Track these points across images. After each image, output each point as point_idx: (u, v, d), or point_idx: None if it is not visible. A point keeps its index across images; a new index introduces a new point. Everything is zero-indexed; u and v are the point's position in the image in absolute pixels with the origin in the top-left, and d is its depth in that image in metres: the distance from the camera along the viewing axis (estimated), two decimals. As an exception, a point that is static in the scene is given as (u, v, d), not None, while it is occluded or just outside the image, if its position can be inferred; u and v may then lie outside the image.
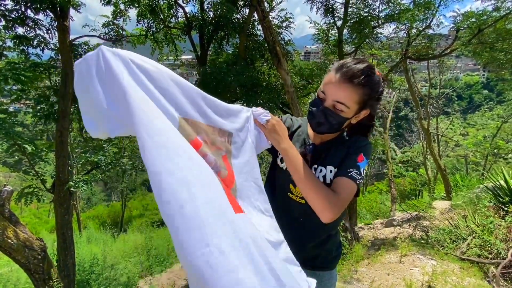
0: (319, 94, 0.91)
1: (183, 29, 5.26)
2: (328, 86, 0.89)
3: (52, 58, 4.90)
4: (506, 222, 2.99)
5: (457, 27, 5.81)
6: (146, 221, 15.27)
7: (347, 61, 0.88)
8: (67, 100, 3.88)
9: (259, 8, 4.05)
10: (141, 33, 5.59)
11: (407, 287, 2.38)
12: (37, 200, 4.03)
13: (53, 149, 4.29)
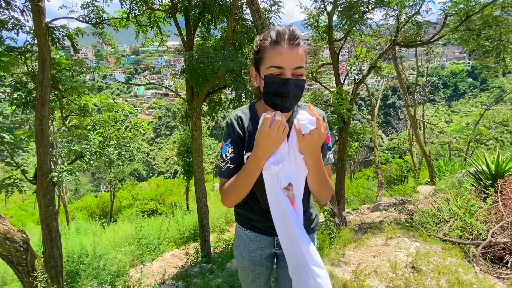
0: (273, 72, 0.86)
1: (168, 12, 5.02)
2: (281, 58, 0.85)
3: (28, 42, 4.61)
4: (487, 205, 3.12)
5: (446, 13, 5.81)
6: (136, 211, 15.16)
7: (280, 29, 0.87)
8: (45, 86, 3.68)
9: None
10: (123, 15, 5.31)
11: (391, 268, 2.46)
12: (19, 192, 3.88)
13: (34, 138, 4.10)
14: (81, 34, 4.81)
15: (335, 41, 6.82)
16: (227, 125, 1.01)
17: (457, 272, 2.39)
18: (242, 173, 0.94)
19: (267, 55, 0.87)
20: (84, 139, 4.98)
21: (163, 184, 22.74)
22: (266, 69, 0.87)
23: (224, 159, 1.00)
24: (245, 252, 1.15)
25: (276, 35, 0.85)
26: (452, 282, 2.26)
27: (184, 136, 13.18)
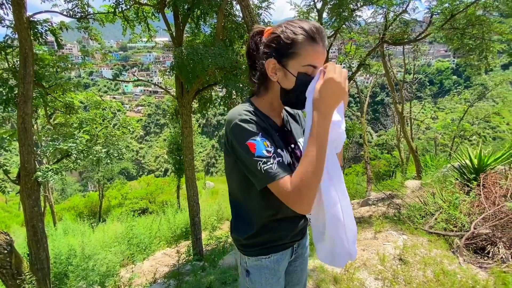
0: (308, 70, 0.80)
1: (156, 7, 4.93)
2: (317, 57, 0.80)
3: (8, 37, 4.43)
4: (470, 198, 3.23)
5: (431, 11, 5.95)
6: (126, 210, 14.92)
7: (316, 25, 0.80)
8: (27, 83, 3.55)
9: (236, -15, 3.86)
10: (109, 10, 5.17)
11: (380, 261, 2.52)
12: (1, 192, 3.76)
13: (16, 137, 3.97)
14: (65, 29, 4.65)
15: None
16: (246, 122, 0.79)
17: (442, 263, 2.47)
18: (313, 150, 0.73)
19: (305, 52, 0.79)
20: (70, 137, 4.85)
21: (154, 182, 22.45)
22: (302, 66, 0.80)
23: (266, 156, 0.76)
24: (273, 281, 0.96)
25: (314, 32, 0.78)
26: (437, 272, 2.34)
27: (174, 134, 13.03)
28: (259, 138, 0.78)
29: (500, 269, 2.46)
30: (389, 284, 2.26)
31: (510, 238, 2.78)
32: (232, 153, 0.84)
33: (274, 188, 0.77)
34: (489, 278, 2.35)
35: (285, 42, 0.80)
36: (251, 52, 0.90)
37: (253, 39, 0.89)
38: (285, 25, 0.81)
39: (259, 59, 0.87)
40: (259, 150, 0.76)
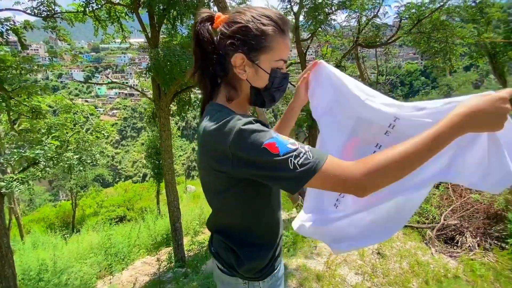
0: (281, 66, 0.74)
1: (130, 7, 4.77)
2: (287, 51, 0.75)
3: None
4: (440, 191, 3.45)
5: (400, 16, 6.29)
6: (102, 219, 14.23)
7: (283, 17, 0.73)
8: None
9: (213, -13, 3.84)
10: (79, 9, 4.93)
11: (360, 256, 2.61)
12: (-41, 206, 3.43)
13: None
14: (30, 28, 4.36)
15: (302, 41, 7.04)
16: (251, 123, 0.65)
17: (416, 254, 2.61)
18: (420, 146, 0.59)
19: (277, 45, 0.71)
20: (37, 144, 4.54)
21: (132, 188, 21.63)
22: (274, 61, 0.72)
23: (294, 149, 0.62)
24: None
25: (282, 22, 0.72)
26: (412, 264, 2.46)
27: (152, 137, 12.66)
28: (274, 134, 0.63)
29: (468, 257, 2.64)
30: (369, 278, 2.34)
31: (476, 227, 3.00)
32: (238, 170, 0.65)
33: (324, 174, 0.60)
34: (459, 266, 2.51)
35: (255, 34, 0.69)
36: (204, 43, 0.73)
37: (203, 27, 0.73)
38: (250, 14, 0.71)
39: (217, 52, 0.73)
40: (282, 146, 0.61)
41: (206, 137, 0.69)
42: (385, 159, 0.59)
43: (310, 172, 0.60)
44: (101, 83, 19.89)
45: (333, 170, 0.60)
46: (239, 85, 0.76)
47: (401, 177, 0.60)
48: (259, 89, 0.75)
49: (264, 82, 0.74)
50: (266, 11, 0.72)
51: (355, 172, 0.60)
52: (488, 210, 3.04)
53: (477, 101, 0.60)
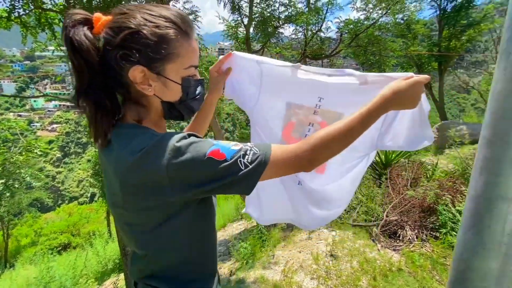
0: (192, 73, 0.66)
1: (63, 13, 4.35)
2: (196, 55, 0.67)
3: None
4: (382, 190, 3.76)
5: (340, 31, 6.89)
6: (42, 249, 12.45)
7: (184, 15, 0.64)
8: None
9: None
10: (2, 14, 4.35)
11: (314, 260, 2.68)
12: None
13: None
14: None
15: (254, 52, 7.21)
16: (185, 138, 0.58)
17: (365, 252, 2.78)
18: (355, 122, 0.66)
19: (183, 51, 0.62)
20: None
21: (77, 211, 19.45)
22: (184, 69, 0.64)
23: (239, 148, 0.59)
24: None
25: (183, 22, 0.62)
26: (362, 262, 2.61)
27: (99, 153, 11.60)
28: (214, 141, 0.59)
29: (409, 249, 2.89)
30: (323, 281, 2.41)
31: (413, 220, 3.32)
32: (180, 195, 0.57)
33: (275, 162, 0.60)
34: (401, 258, 2.74)
35: (153, 41, 0.58)
36: (85, 53, 0.57)
37: (79, 32, 0.58)
38: (140, 15, 0.59)
39: (107, 65, 0.60)
40: (227, 150, 0.57)
41: (128, 171, 0.56)
42: (326, 134, 0.64)
43: (262, 164, 0.59)
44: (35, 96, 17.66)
45: (282, 155, 0.61)
46: (147, 101, 0.65)
47: (341, 149, 0.67)
48: (172, 102, 0.66)
49: (177, 94, 0.65)
50: (161, 10, 0.61)
51: (300, 151, 0.62)
52: (422, 204, 3.39)
53: (398, 84, 0.72)
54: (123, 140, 0.60)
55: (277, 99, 1.02)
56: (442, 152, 5.96)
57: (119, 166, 0.58)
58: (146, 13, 0.59)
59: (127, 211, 0.63)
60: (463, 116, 31.11)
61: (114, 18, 0.60)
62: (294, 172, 0.65)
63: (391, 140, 0.93)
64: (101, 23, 0.59)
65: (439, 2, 9.21)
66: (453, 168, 4.11)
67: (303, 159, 0.62)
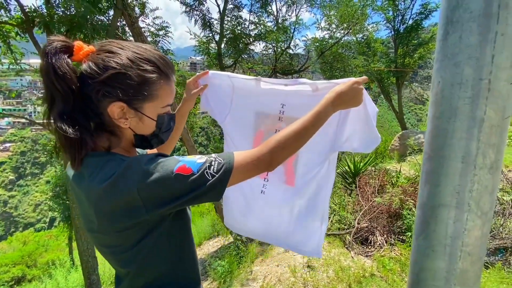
0: (168, 111, 0.71)
1: (21, 26, 4.09)
2: (173, 95, 0.72)
3: None
4: (352, 198, 3.93)
5: (308, 48, 7.30)
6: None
7: (167, 60, 0.69)
8: None
9: (125, 12, 3.68)
10: None
11: (291, 273, 2.70)
12: None
13: None
14: None
15: (226, 68, 7.33)
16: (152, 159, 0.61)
17: (340, 261, 2.85)
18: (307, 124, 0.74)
19: (163, 92, 0.67)
20: None
21: (33, 239, 17.52)
22: (161, 108, 0.68)
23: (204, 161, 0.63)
24: None
25: (165, 66, 0.67)
26: (337, 270, 2.68)
27: (60, 173, 10.74)
28: (179, 157, 0.63)
29: (379, 254, 3.03)
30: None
31: (382, 226, 3.50)
32: (154, 212, 0.60)
33: (239, 168, 0.65)
34: (373, 264, 2.85)
35: (137, 83, 0.63)
36: (68, 81, 0.59)
37: (61, 59, 0.60)
38: (126, 56, 0.62)
39: (84, 95, 0.62)
40: (193, 164, 0.62)
41: (101, 199, 0.59)
42: (282, 136, 0.71)
43: (228, 171, 0.64)
44: (-16, 112, 16.08)
45: (245, 160, 0.67)
46: (120, 131, 0.68)
47: (297, 148, 0.75)
48: (146, 135, 0.70)
49: (151, 128, 0.70)
50: (144, 52, 0.65)
51: (260, 154, 0.68)
52: (389, 210, 3.60)
53: (340, 87, 0.84)
54: (93, 168, 0.62)
55: (246, 110, 1.12)
56: (404, 159, 6.42)
57: (91, 195, 0.60)
58: (131, 54, 0.63)
59: (104, 235, 0.65)
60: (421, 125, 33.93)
61: (98, 52, 0.63)
62: (259, 173, 0.71)
63: (346, 141, 1.03)
64: (83, 53, 0.62)
65: (393, 23, 10.20)
66: (414, 174, 4.44)
67: (264, 161, 0.68)
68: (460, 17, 0.45)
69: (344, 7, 6.64)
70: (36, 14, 3.67)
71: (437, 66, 0.50)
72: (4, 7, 3.94)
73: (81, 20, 3.56)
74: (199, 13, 6.84)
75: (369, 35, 9.53)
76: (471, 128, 0.45)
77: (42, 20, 3.50)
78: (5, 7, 3.90)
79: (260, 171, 0.70)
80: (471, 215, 0.48)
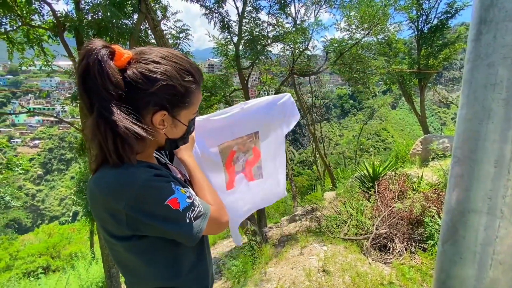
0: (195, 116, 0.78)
1: (53, 30, 4.36)
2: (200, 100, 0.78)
3: None
4: (370, 203, 3.82)
5: (326, 50, 7.19)
6: (18, 273, 11.69)
7: (198, 69, 0.73)
8: None
9: (149, 16, 3.81)
10: (-13, 30, 4.30)
11: (306, 276, 2.66)
12: None
13: None
14: None
15: (244, 69, 7.38)
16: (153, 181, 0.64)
17: (356, 266, 2.78)
18: (205, 181, 0.84)
19: (196, 100, 0.73)
20: None
21: (57, 232, 18.46)
22: (193, 114, 0.75)
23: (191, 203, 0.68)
24: None
25: (200, 77, 0.73)
26: (353, 276, 2.61)
27: (84, 170, 11.27)
28: (174, 187, 0.66)
29: (399, 261, 2.92)
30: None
31: (402, 233, 3.38)
32: (132, 230, 0.64)
33: (210, 222, 0.72)
34: (392, 271, 2.76)
35: (181, 92, 0.67)
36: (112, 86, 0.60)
37: (108, 63, 0.61)
38: (170, 67, 0.66)
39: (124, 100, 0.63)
40: (183, 201, 0.66)
41: (98, 198, 0.64)
42: (213, 198, 0.80)
43: (204, 221, 0.70)
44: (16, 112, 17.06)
45: (215, 214, 0.75)
46: (152, 136, 0.69)
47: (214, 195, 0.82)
48: (174, 139, 0.76)
49: (181, 132, 0.76)
50: (184, 63, 0.69)
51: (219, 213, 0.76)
52: (410, 217, 3.47)
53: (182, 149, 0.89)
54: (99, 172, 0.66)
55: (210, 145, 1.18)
56: (426, 164, 6.16)
57: (91, 197, 0.66)
58: (174, 65, 0.67)
59: (102, 233, 0.71)
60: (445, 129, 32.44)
61: (139, 59, 0.65)
62: (217, 231, 0.77)
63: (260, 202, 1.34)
64: (124, 59, 0.63)
65: (416, 23, 9.84)
66: (437, 180, 4.25)
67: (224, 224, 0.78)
68: (495, 17, 0.44)
69: (365, 7, 6.49)
70: (67, 18, 3.88)
71: (469, 67, 0.49)
72: (38, 12, 4.21)
73: (108, 24, 3.73)
74: (218, 15, 6.95)
75: (390, 35, 9.26)
76: (505, 130, 0.44)
77: (73, 24, 3.70)
78: (39, 12, 4.16)
79: (219, 230, 0.77)
80: (504, 222, 0.46)
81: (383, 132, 56.16)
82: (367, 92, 9.21)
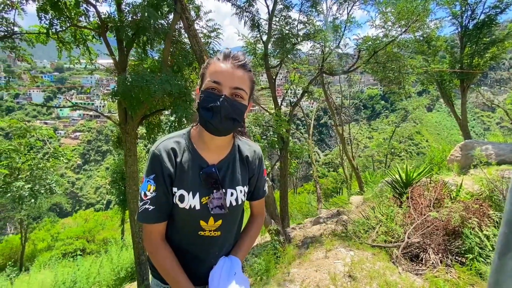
0: (210, 86, 0.83)
1: (97, 30, 4.68)
2: (220, 74, 0.83)
3: None
4: (402, 210, 3.63)
5: (359, 48, 6.91)
6: (57, 253, 12.77)
7: (227, 51, 0.90)
8: None
9: (183, 16, 3.95)
10: (41, 30, 4.74)
11: (331, 280, 2.60)
12: None
13: None
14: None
15: (272, 68, 7.36)
16: (154, 157, 0.86)
17: (385, 275, 2.66)
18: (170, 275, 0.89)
19: (209, 70, 0.86)
20: (-19, 173, 4.06)
21: (93, 218, 19.90)
22: (206, 81, 0.84)
23: (142, 199, 0.87)
24: None
25: (223, 55, 0.88)
26: (382, 284, 2.50)
27: (118, 161, 11.99)
28: (149, 179, 0.86)
29: (432, 274, 2.74)
30: (341, 303, 2.32)
31: (437, 244, 3.16)
32: None
33: (143, 227, 0.91)
34: (424, 284, 2.60)
35: (203, 67, 0.90)
36: None
37: None
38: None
39: None
40: (143, 188, 0.87)
41: None
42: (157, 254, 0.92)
43: (139, 218, 0.89)
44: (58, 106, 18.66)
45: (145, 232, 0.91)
46: None
47: None
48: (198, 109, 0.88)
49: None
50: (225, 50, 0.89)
51: (147, 241, 0.91)
52: (446, 227, 3.23)
53: None
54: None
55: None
56: (466, 172, 5.69)
57: None
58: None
59: None
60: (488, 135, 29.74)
61: None
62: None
63: None
64: None
65: (460, 19, 9.09)
66: (479, 190, 3.91)
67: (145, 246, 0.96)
68: None
69: (403, 2, 6.12)
70: (110, 19, 4.14)
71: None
72: (85, 14, 4.55)
73: (145, 24, 3.93)
74: (248, 14, 6.99)
75: (430, 32, 8.65)
76: None
77: (114, 25, 3.94)
78: (86, 13, 4.49)
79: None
80: None
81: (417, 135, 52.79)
82: (401, 93, 8.69)
